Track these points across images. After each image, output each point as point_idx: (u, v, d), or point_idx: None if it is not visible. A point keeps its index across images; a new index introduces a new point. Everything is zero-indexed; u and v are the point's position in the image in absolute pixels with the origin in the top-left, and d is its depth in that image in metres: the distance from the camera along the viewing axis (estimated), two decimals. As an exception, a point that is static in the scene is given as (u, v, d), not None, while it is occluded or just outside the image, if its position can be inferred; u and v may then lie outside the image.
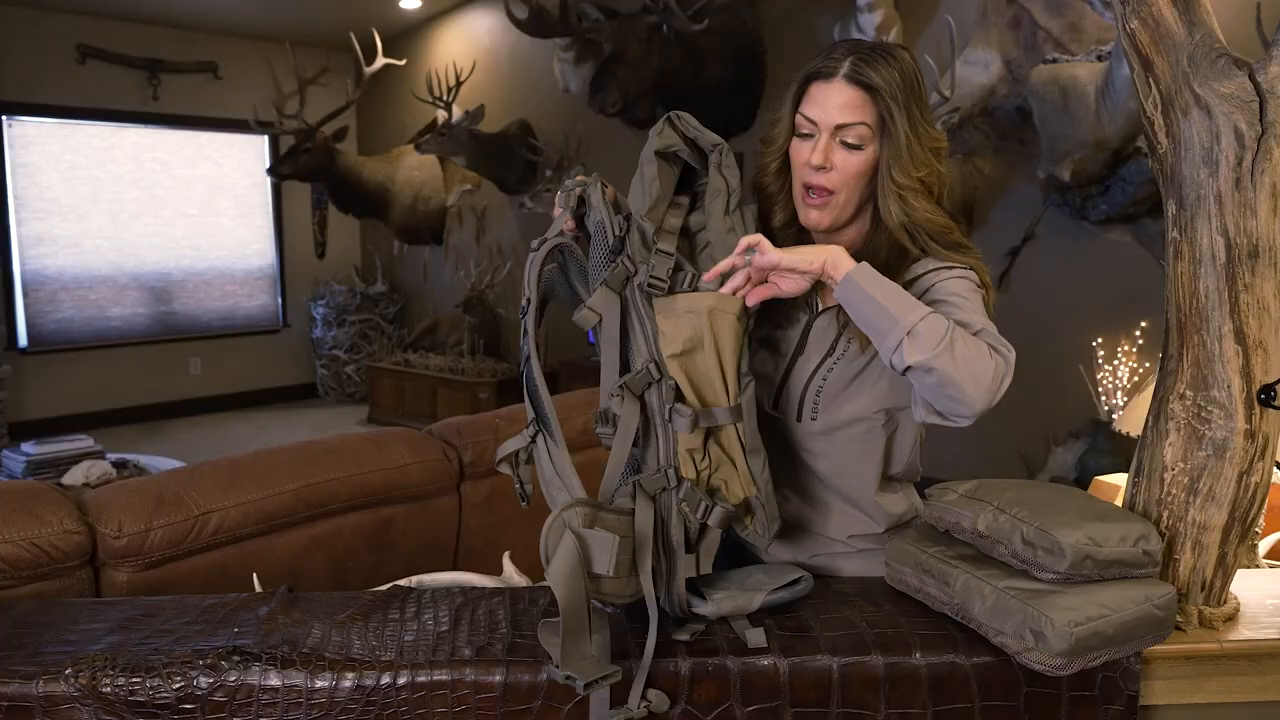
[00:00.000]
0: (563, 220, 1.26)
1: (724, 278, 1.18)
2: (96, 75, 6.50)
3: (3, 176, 6.22)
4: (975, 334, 1.15)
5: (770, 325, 1.35)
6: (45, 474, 3.94)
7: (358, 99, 6.14)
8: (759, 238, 1.16)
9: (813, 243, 1.36)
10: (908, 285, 1.26)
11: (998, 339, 1.15)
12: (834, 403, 1.30)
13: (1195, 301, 1.20)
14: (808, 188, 1.28)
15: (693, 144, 1.23)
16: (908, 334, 1.09)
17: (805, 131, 1.27)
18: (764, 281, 1.19)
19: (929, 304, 1.21)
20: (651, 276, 1.16)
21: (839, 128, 1.24)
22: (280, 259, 7.59)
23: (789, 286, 1.18)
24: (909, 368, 1.10)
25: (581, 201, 1.25)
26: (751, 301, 1.18)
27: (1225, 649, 1.19)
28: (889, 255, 1.28)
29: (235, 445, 6.09)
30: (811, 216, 1.29)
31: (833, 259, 1.16)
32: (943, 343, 1.08)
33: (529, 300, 1.22)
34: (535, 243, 1.24)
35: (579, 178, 1.27)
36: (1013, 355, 1.13)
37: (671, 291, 1.17)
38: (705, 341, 1.16)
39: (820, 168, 1.25)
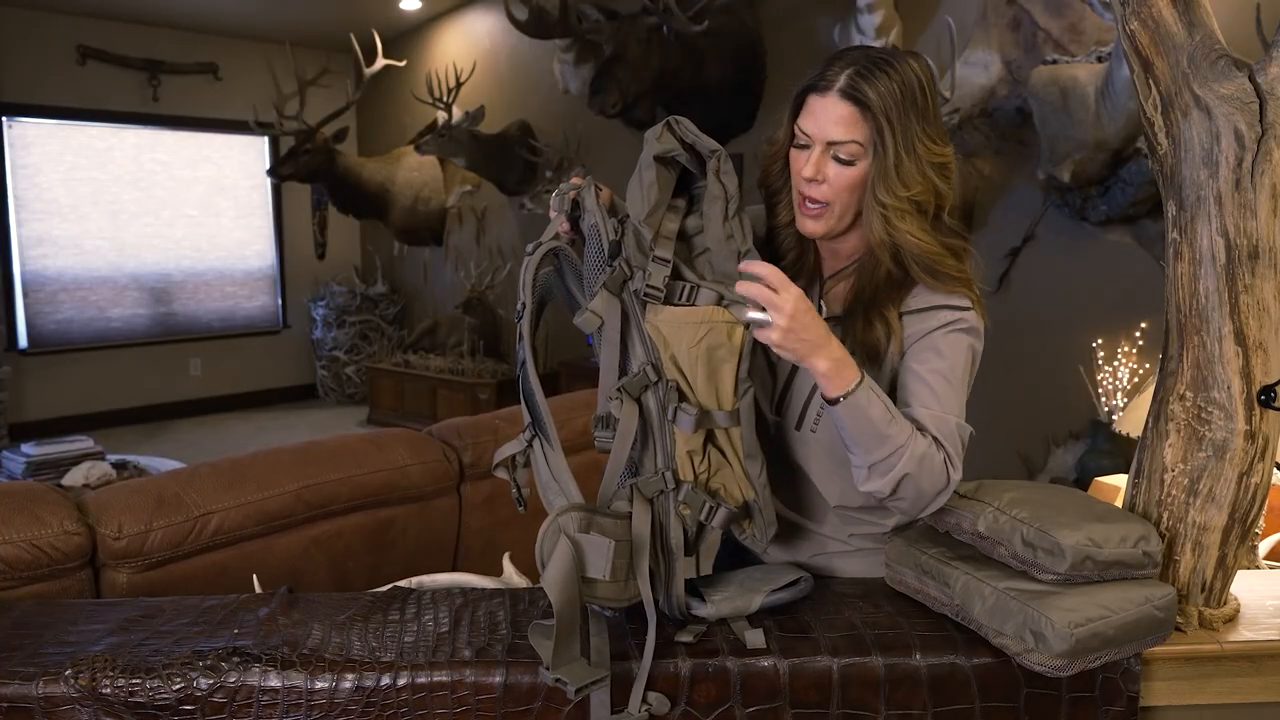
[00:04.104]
0: (557, 223, 1.26)
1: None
2: (97, 76, 6.51)
3: (3, 177, 6.22)
4: (938, 442, 1.19)
5: None
6: (45, 475, 3.94)
7: (358, 100, 6.14)
8: (779, 304, 1.10)
9: (815, 245, 1.36)
10: (903, 315, 1.27)
11: (955, 452, 1.20)
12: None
13: (1195, 302, 1.20)
14: (803, 197, 1.28)
15: (691, 149, 1.23)
16: (869, 468, 1.17)
17: (802, 143, 1.27)
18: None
19: (911, 357, 1.24)
20: (648, 285, 1.16)
21: (831, 144, 1.23)
22: (280, 260, 7.60)
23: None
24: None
25: (576, 205, 1.25)
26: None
27: (1225, 650, 1.19)
28: (889, 274, 1.28)
29: (235, 446, 6.08)
30: (808, 225, 1.29)
31: (822, 370, 1.13)
32: (893, 478, 1.16)
33: (524, 305, 1.22)
34: (530, 247, 1.24)
35: (574, 180, 1.27)
36: (957, 475, 1.19)
37: (669, 301, 1.17)
38: (704, 347, 1.16)
39: (812, 180, 1.25)
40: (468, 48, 6.59)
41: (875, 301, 1.27)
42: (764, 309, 1.11)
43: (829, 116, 1.22)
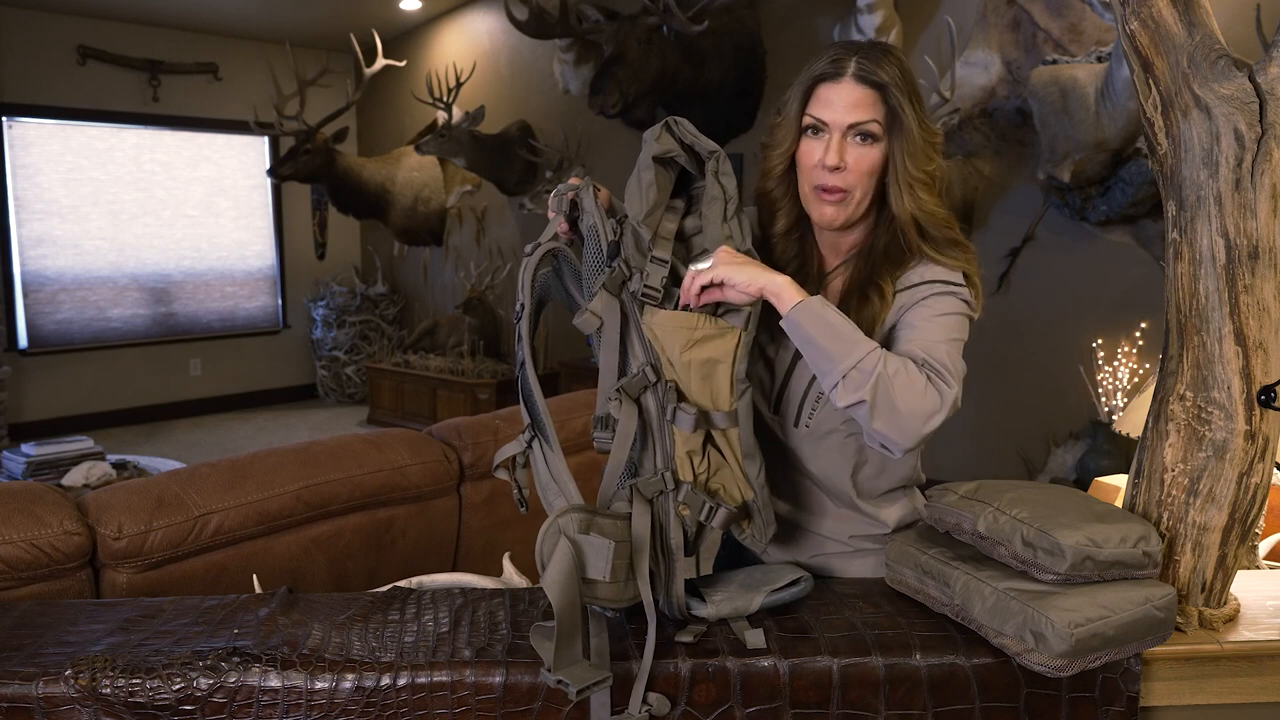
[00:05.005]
0: (556, 224, 1.26)
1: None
2: (97, 76, 6.51)
3: (3, 178, 6.22)
4: (922, 362, 1.17)
5: (770, 331, 1.35)
6: (45, 475, 3.94)
7: (358, 100, 6.14)
8: (704, 264, 1.17)
9: (816, 245, 1.37)
10: (898, 291, 1.27)
11: (943, 369, 1.17)
12: (825, 409, 1.30)
13: (1195, 302, 1.20)
14: (820, 187, 1.28)
15: (690, 150, 1.23)
16: (842, 378, 1.14)
17: (815, 127, 1.27)
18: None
19: (903, 319, 1.25)
20: (646, 285, 1.16)
21: (851, 126, 1.24)
22: (280, 260, 7.60)
23: (734, 296, 1.18)
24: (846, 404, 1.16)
25: (574, 205, 1.25)
26: (698, 303, 1.18)
27: (1225, 650, 1.19)
28: (888, 247, 1.30)
29: (235, 446, 6.09)
30: (827, 213, 1.29)
31: (773, 288, 1.17)
32: (870, 385, 1.13)
33: (523, 305, 1.22)
34: (529, 247, 1.24)
35: (572, 181, 1.27)
36: (953, 390, 1.16)
37: (666, 302, 1.17)
38: (697, 350, 1.16)
39: (836, 168, 1.25)
40: (468, 48, 6.59)
41: (872, 275, 1.29)
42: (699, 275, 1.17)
43: (846, 101, 1.24)
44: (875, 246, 1.31)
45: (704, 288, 1.17)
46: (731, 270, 1.15)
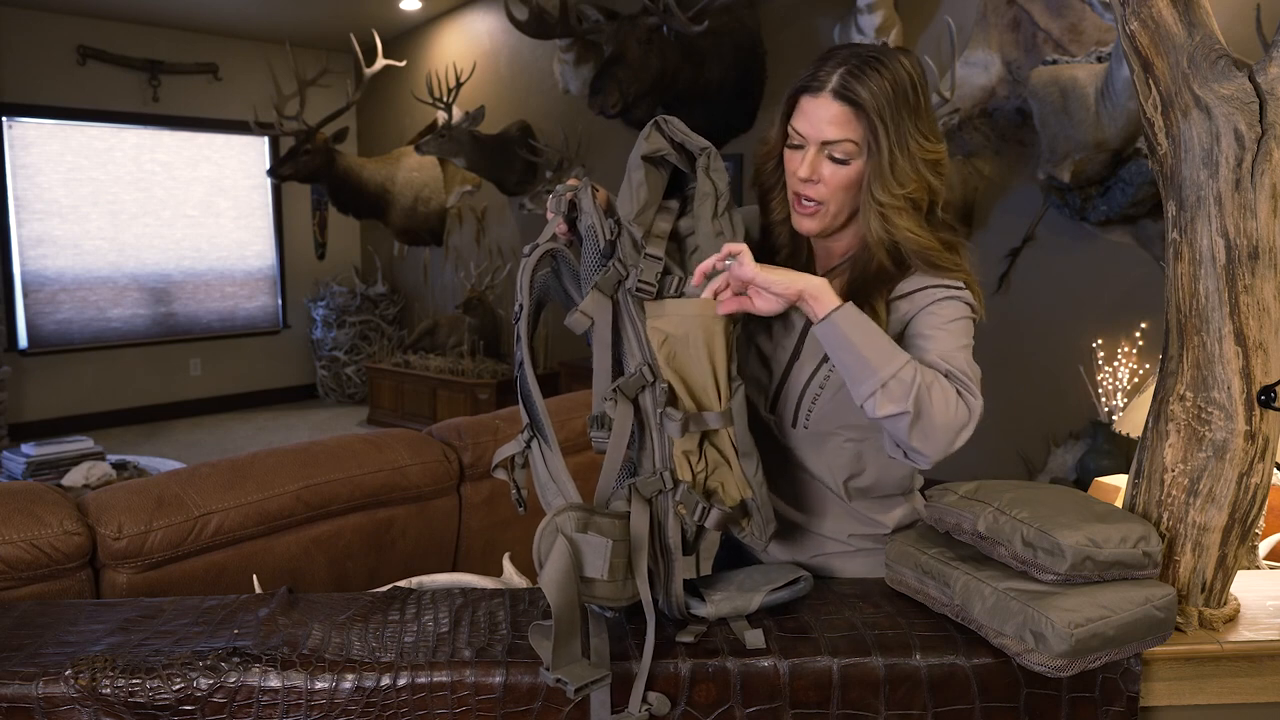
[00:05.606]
0: (555, 224, 1.26)
1: (707, 278, 1.17)
2: (97, 76, 6.51)
3: (3, 178, 6.22)
4: (947, 374, 1.16)
5: (768, 330, 1.35)
6: (45, 475, 3.95)
7: (358, 100, 6.14)
8: (742, 247, 1.15)
9: (809, 239, 1.37)
10: (895, 299, 1.26)
11: (968, 381, 1.17)
12: (826, 410, 1.30)
13: (1195, 303, 1.20)
14: (799, 196, 1.28)
15: (681, 148, 1.23)
16: (881, 387, 1.12)
17: (795, 143, 1.27)
18: (742, 293, 1.18)
19: (910, 329, 1.24)
20: (640, 281, 1.16)
21: (825, 143, 1.23)
22: (280, 260, 7.60)
23: (763, 305, 1.17)
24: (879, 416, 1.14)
25: (573, 206, 1.25)
26: (723, 311, 1.17)
27: (1225, 650, 1.19)
28: (879, 269, 1.28)
29: (235, 446, 6.09)
30: (803, 224, 1.29)
31: (812, 290, 1.15)
32: (912, 398, 1.11)
33: (522, 306, 1.22)
34: (528, 248, 1.25)
35: (571, 181, 1.27)
36: (979, 403, 1.16)
37: (660, 296, 1.17)
38: (696, 345, 1.16)
39: (808, 180, 1.25)
40: (468, 48, 6.59)
41: (865, 293, 1.28)
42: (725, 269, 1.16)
43: (822, 117, 1.22)
44: (870, 265, 1.29)
45: (728, 286, 1.16)
46: (767, 272, 1.14)
